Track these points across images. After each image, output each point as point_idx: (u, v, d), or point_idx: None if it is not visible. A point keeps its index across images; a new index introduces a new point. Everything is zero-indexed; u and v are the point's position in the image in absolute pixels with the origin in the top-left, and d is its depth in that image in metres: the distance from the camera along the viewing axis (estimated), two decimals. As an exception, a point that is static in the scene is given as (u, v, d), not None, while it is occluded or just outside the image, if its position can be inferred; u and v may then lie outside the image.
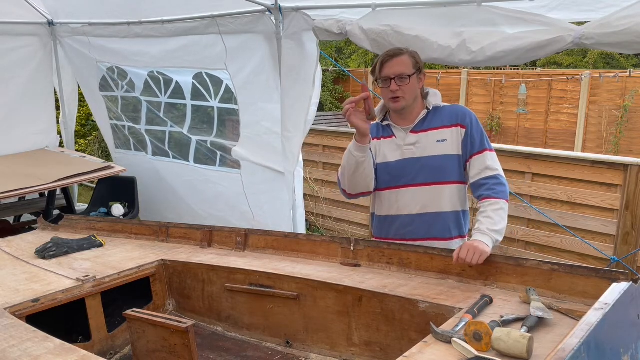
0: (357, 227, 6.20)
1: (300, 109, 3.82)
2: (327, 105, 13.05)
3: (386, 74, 2.35)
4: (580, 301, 1.95)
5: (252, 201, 4.56)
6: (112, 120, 5.70)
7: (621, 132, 10.55)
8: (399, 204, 2.45)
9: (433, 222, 2.42)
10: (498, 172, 2.36)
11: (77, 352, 1.76)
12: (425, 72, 2.50)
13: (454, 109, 2.44)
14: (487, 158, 2.37)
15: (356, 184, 2.43)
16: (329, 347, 2.35)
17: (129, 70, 5.22)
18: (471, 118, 2.41)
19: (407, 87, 2.34)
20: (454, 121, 2.40)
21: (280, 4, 3.69)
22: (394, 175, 2.44)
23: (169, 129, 5.22)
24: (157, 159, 5.41)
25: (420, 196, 2.41)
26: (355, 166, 2.35)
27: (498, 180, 2.35)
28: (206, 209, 4.99)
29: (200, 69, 4.66)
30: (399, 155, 2.43)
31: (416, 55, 2.41)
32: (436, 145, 2.39)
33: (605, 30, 2.49)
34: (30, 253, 2.87)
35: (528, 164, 4.91)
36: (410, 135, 2.42)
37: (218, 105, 4.73)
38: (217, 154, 4.86)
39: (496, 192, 2.32)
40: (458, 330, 1.76)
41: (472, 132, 2.38)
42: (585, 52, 14.33)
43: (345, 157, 2.39)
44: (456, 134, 2.39)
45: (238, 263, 2.64)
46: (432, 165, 2.39)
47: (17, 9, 5.13)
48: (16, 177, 4.41)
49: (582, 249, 4.63)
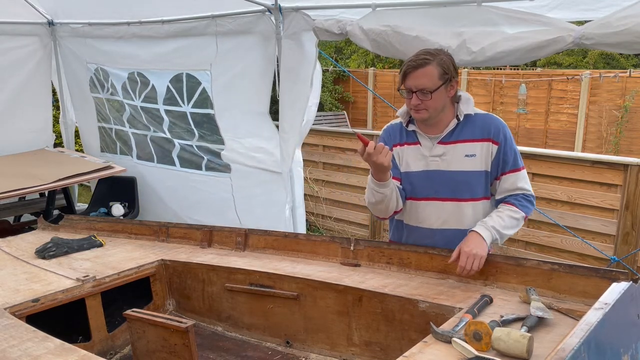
0: (357, 227, 6.20)
1: (298, 110, 3.82)
2: (327, 105, 13.05)
3: (408, 86, 2.18)
4: (580, 301, 1.96)
5: (240, 206, 4.47)
6: (100, 123, 5.64)
7: (621, 132, 10.55)
8: (420, 216, 2.34)
9: (453, 238, 2.25)
10: (530, 192, 2.28)
11: (77, 352, 1.76)
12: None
13: (487, 120, 2.26)
14: (519, 178, 2.26)
15: (387, 209, 2.29)
16: (329, 347, 2.35)
17: (111, 71, 5.16)
18: (505, 133, 2.25)
19: (430, 101, 2.16)
20: (485, 135, 2.24)
21: (280, 4, 3.69)
22: (416, 186, 2.31)
23: (151, 133, 5.11)
24: (142, 163, 5.32)
25: (443, 211, 2.29)
26: (382, 198, 2.22)
27: (528, 198, 2.27)
28: (191, 214, 4.87)
29: (182, 70, 4.57)
30: (423, 165, 2.29)
31: (446, 62, 2.17)
32: (464, 160, 2.24)
33: (605, 30, 2.49)
34: (30, 253, 2.87)
35: (528, 164, 4.84)
36: (437, 146, 2.27)
37: (190, 110, 4.65)
38: (203, 158, 4.74)
39: (522, 204, 2.25)
40: (458, 330, 1.76)
41: (506, 150, 2.24)
42: (585, 52, 14.34)
43: (369, 193, 2.25)
44: (486, 150, 2.24)
45: (238, 263, 2.64)
46: (458, 181, 2.25)
47: (17, 8, 5.13)
48: (16, 177, 4.41)
49: (582, 249, 4.63)
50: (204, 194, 4.79)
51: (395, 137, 2.35)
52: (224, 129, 4.43)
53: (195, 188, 4.86)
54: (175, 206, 5.10)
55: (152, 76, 4.84)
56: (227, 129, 4.42)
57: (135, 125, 5.22)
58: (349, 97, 14.02)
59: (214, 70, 4.30)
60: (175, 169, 5.03)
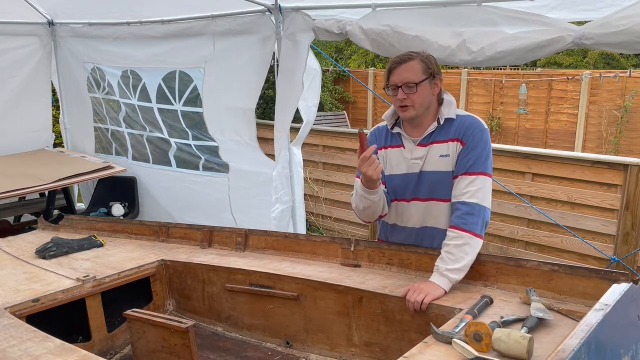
0: (357, 227, 6.20)
1: (290, 110, 3.85)
2: (327, 105, 13.04)
3: (393, 82, 2.21)
4: (580, 302, 1.96)
5: (236, 207, 4.46)
6: (97, 123, 5.61)
7: (621, 132, 10.55)
8: (404, 217, 2.38)
9: (435, 237, 2.30)
10: (477, 201, 2.15)
11: (77, 352, 1.76)
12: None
13: (465, 121, 2.24)
14: (474, 182, 2.16)
15: (373, 214, 2.34)
16: (329, 348, 2.35)
17: (106, 70, 5.15)
18: (475, 135, 2.19)
19: (416, 95, 2.18)
20: (457, 135, 2.22)
21: (280, 4, 3.69)
22: (399, 188, 2.35)
23: (147, 133, 5.09)
24: (137, 164, 5.29)
25: (422, 211, 2.32)
26: (370, 204, 2.27)
27: (471, 210, 2.14)
28: (186, 215, 4.83)
29: (176, 68, 4.57)
30: (404, 168, 2.32)
31: (429, 59, 2.22)
32: (439, 160, 2.24)
33: (605, 30, 2.49)
34: (31, 253, 2.87)
35: (528, 164, 4.91)
36: (417, 148, 2.29)
37: (182, 109, 4.65)
38: (201, 158, 4.71)
39: (465, 222, 2.14)
40: (458, 331, 1.76)
41: (468, 151, 2.19)
42: (585, 52, 14.33)
43: (357, 199, 2.30)
44: (454, 149, 2.23)
45: (238, 263, 2.64)
46: (434, 181, 2.26)
47: (17, 8, 5.14)
48: (16, 177, 4.41)
49: (582, 249, 4.63)
50: (199, 195, 4.77)
51: (380, 140, 2.37)
52: (212, 128, 4.44)
53: (191, 189, 4.85)
54: (169, 207, 5.08)
55: (144, 74, 4.84)
56: (215, 128, 4.43)
57: (132, 125, 5.21)
58: (349, 97, 14.01)
59: (207, 67, 4.30)
60: (171, 170, 5.00)
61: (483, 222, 2.17)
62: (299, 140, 4.15)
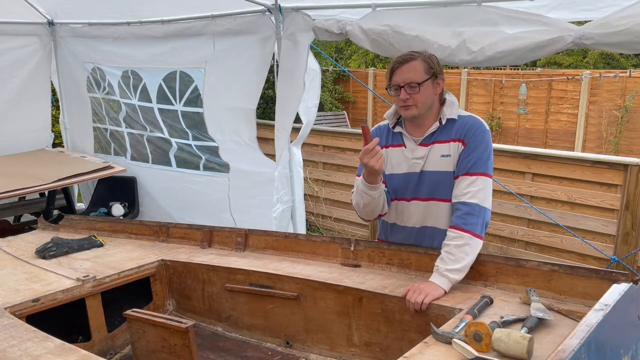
0: (357, 227, 6.20)
1: (291, 110, 3.85)
2: (327, 105, 13.04)
3: (395, 82, 2.20)
4: (580, 302, 1.96)
5: (236, 207, 4.45)
6: (96, 123, 5.60)
7: (621, 132, 10.55)
8: (404, 216, 2.38)
9: (435, 237, 2.30)
10: (477, 201, 2.15)
11: (77, 352, 1.76)
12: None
13: (467, 122, 2.24)
14: (474, 183, 2.16)
15: (373, 211, 2.34)
16: (329, 348, 2.35)
17: (107, 70, 5.15)
18: (477, 136, 2.19)
19: (419, 95, 2.18)
20: (459, 135, 2.22)
21: (280, 4, 3.69)
22: (400, 187, 2.34)
23: (148, 133, 5.08)
24: (136, 164, 5.28)
25: (422, 211, 2.32)
26: (370, 200, 2.26)
27: (472, 210, 2.14)
28: (185, 216, 4.81)
29: (176, 68, 4.57)
30: (405, 168, 2.31)
31: (431, 59, 2.22)
32: (440, 160, 2.24)
33: (605, 30, 2.49)
34: (31, 253, 2.87)
35: (528, 164, 4.91)
36: (419, 148, 2.28)
37: (182, 109, 4.64)
38: (201, 158, 4.70)
39: (465, 222, 2.14)
40: (458, 331, 1.76)
41: (469, 151, 2.19)
42: (585, 52, 14.33)
43: (357, 195, 2.29)
44: (456, 150, 2.22)
45: (238, 263, 2.64)
46: (435, 181, 2.26)
47: (17, 8, 5.14)
48: (16, 177, 4.41)
49: (582, 249, 4.63)
50: (199, 195, 4.76)
51: (382, 139, 2.36)
52: (212, 128, 4.44)
53: (191, 189, 4.84)
54: (169, 207, 5.08)
55: (145, 74, 4.83)
56: (215, 128, 4.43)
57: (132, 125, 5.21)
58: (349, 97, 14.02)
59: (208, 67, 4.30)
60: (171, 170, 4.99)
61: (483, 223, 2.17)
62: (299, 140, 4.16)
